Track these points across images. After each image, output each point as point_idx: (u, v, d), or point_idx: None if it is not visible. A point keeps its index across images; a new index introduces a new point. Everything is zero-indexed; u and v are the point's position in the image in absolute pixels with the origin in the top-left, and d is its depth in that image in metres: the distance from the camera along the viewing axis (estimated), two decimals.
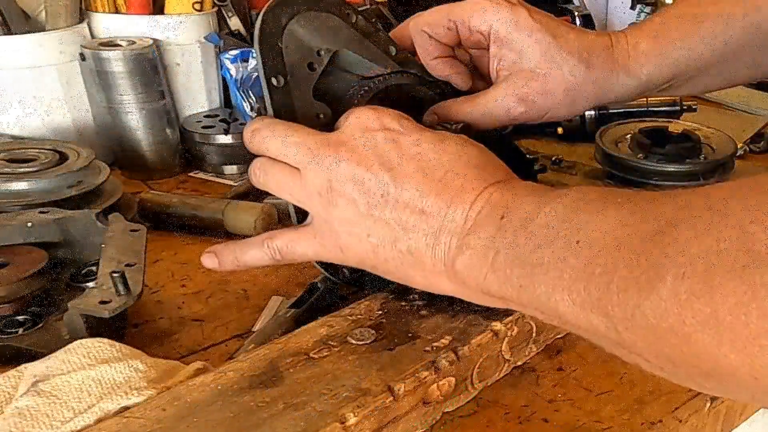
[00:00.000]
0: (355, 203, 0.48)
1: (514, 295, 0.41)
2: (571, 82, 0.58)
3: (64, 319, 0.52)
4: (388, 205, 0.47)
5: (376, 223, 0.47)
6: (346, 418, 0.41)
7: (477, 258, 0.43)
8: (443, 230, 0.45)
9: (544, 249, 0.39)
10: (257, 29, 0.56)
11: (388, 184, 0.47)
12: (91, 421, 0.42)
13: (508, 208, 0.43)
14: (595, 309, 0.35)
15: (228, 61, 0.88)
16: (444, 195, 0.46)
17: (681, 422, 0.49)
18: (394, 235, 0.47)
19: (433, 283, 0.48)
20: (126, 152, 0.89)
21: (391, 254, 0.48)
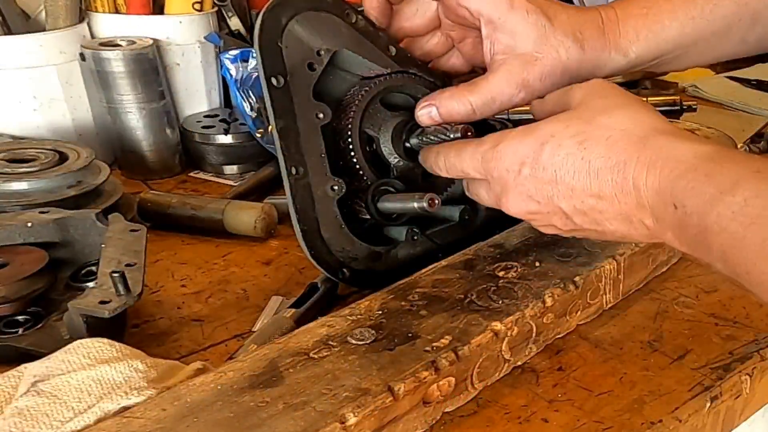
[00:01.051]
0: (559, 222, 0.50)
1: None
2: (567, 63, 0.57)
3: (64, 319, 0.52)
4: (573, 220, 0.49)
5: (576, 225, 0.49)
6: (346, 418, 0.41)
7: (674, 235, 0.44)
8: (629, 216, 0.46)
9: (738, 240, 0.39)
10: (257, 29, 0.56)
11: (565, 205, 0.48)
12: (91, 421, 0.42)
13: (674, 196, 0.43)
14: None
15: (228, 61, 0.88)
16: (604, 199, 0.47)
17: (681, 422, 0.49)
18: (595, 230, 0.49)
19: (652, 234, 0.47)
20: (126, 152, 0.89)
21: (596, 233, 0.49)
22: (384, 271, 0.60)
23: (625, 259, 0.59)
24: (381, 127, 0.61)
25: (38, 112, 0.87)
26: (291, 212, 0.57)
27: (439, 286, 0.54)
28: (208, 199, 0.77)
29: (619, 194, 0.46)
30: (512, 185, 0.50)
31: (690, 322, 0.59)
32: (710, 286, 0.64)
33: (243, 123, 0.90)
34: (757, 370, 0.54)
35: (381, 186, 0.60)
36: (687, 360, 0.54)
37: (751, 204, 0.38)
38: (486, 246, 0.60)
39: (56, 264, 0.61)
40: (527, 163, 0.49)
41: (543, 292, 0.53)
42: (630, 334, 0.57)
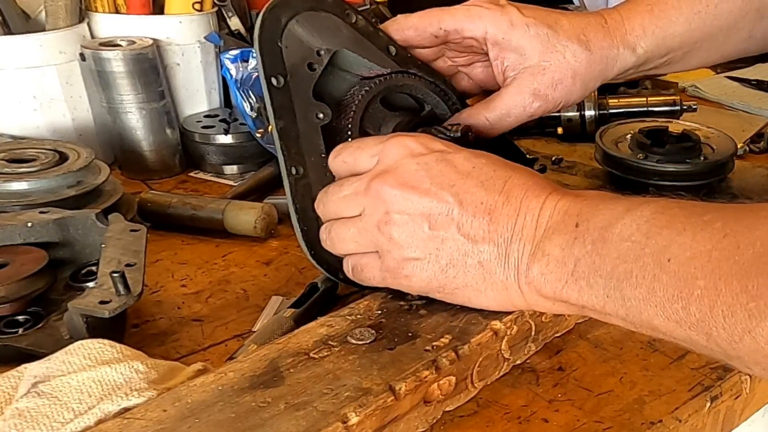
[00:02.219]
0: (421, 228, 0.47)
1: (598, 304, 0.41)
2: (576, 66, 0.58)
3: (64, 319, 0.52)
4: (454, 221, 0.47)
5: (443, 243, 0.47)
6: (348, 417, 0.41)
7: (555, 265, 0.43)
8: (515, 238, 0.45)
9: (631, 264, 0.38)
10: (257, 29, 0.56)
11: (452, 202, 0.47)
12: (91, 423, 0.42)
13: (581, 216, 0.43)
14: (694, 328, 0.35)
15: (228, 61, 0.88)
16: (509, 205, 0.46)
17: (681, 422, 0.49)
18: (464, 250, 0.47)
19: (503, 299, 0.47)
20: (126, 152, 0.89)
21: (460, 271, 0.47)
22: None
23: None
24: (381, 127, 0.61)
25: (38, 112, 0.87)
26: (291, 212, 0.57)
27: None
28: (208, 199, 0.77)
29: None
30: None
31: None
32: None
33: (243, 123, 0.90)
34: None
35: None
36: (687, 360, 0.54)
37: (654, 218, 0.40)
38: None
39: (56, 264, 0.61)
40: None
41: None
42: (630, 334, 0.57)
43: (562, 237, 0.43)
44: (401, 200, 0.48)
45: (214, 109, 0.99)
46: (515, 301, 0.47)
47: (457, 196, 0.47)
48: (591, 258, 0.41)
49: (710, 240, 0.36)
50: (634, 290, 0.38)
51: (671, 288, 0.36)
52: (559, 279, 0.43)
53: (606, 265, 0.40)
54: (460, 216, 0.47)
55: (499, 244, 0.46)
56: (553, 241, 0.44)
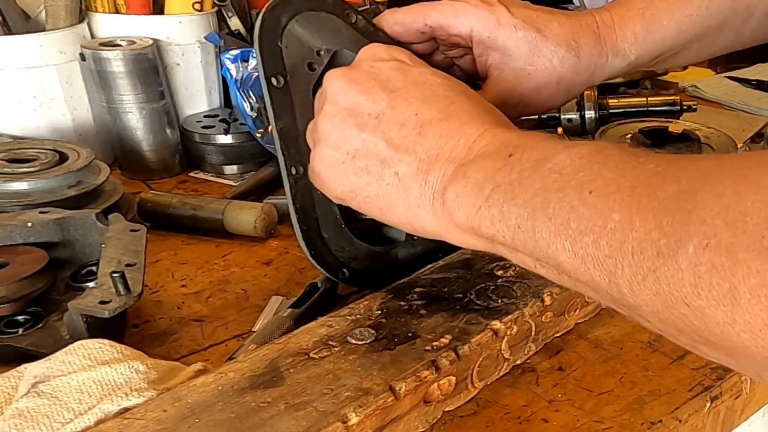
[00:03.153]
0: (346, 125, 0.46)
1: (507, 235, 0.39)
2: (563, 72, 0.57)
3: (64, 319, 0.52)
4: (381, 125, 0.45)
5: (364, 144, 0.45)
6: (348, 417, 0.41)
7: (472, 188, 0.40)
8: (441, 157, 0.43)
9: (552, 194, 0.36)
10: (257, 29, 0.56)
11: (384, 106, 0.45)
12: (91, 423, 0.42)
13: (518, 147, 0.41)
14: (599, 265, 0.33)
15: (228, 61, 0.88)
16: (447, 124, 0.43)
17: (681, 422, 0.49)
18: (384, 155, 0.44)
19: (414, 217, 0.44)
20: (126, 152, 0.89)
21: (375, 178, 0.45)
22: (384, 271, 0.60)
23: None
24: None
25: (38, 112, 0.87)
26: (291, 212, 0.57)
27: (438, 285, 0.54)
28: (208, 199, 0.77)
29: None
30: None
31: None
32: None
33: (243, 123, 0.90)
34: None
35: None
36: (687, 360, 0.54)
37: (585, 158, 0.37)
38: None
39: (56, 264, 0.61)
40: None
41: (541, 291, 0.53)
42: (630, 334, 0.57)
43: (489, 163, 0.41)
44: (338, 93, 0.47)
45: (214, 109, 0.99)
46: (426, 225, 0.44)
47: (393, 101, 0.45)
48: (512, 186, 0.39)
49: (638, 178, 0.34)
50: (547, 222, 0.36)
51: (586, 220, 0.34)
52: (473, 204, 0.40)
53: (525, 194, 0.38)
54: (388, 121, 0.45)
55: (422, 158, 0.43)
56: (479, 165, 0.41)
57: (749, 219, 0.28)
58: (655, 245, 0.31)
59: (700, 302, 0.29)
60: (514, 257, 0.41)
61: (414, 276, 0.56)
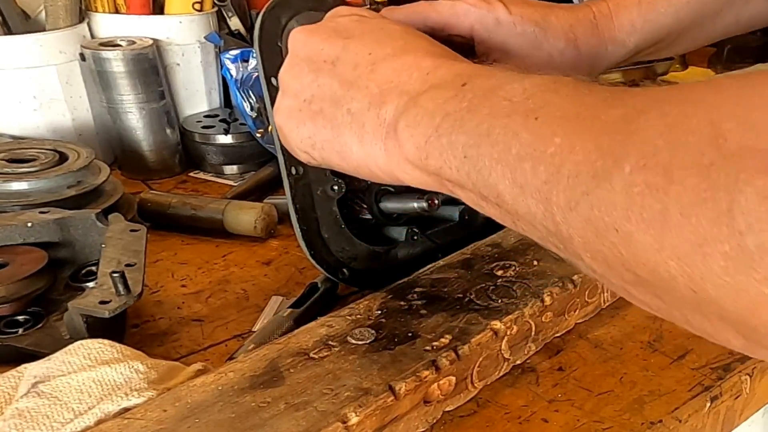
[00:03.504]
0: (303, 72, 0.45)
1: (453, 165, 0.37)
2: (562, 65, 0.57)
3: (64, 319, 0.52)
4: (335, 68, 0.44)
5: (319, 88, 0.45)
6: (348, 417, 0.41)
7: (423, 117, 0.39)
8: (394, 90, 0.42)
9: (499, 119, 0.35)
10: (257, 29, 0.56)
11: (339, 50, 0.44)
12: (91, 423, 0.42)
13: (472, 77, 0.39)
14: (536, 193, 0.32)
15: (228, 61, 0.88)
16: (401, 59, 0.43)
17: (681, 422, 0.49)
18: (337, 95, 0.44)
19: (368, 156, 0.43)
20: (126, 152, 0.89)
21: (330, 120, 0.44)
22: (384, 271, 0.60)
23: None
24: None
25: (38, 112, 0.87)
26: (291, 212, 0.57)
27: (437, 285, 0.54)
28: (208, 199, 0.77)
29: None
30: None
31: None
32: None
33: (243, 123, 0.90)
34: (757, 370, 0.54)
35: (381, 186, 0.60)
36: (687, 360, 0.54)
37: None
38: (484, 245, 0.61)
39: (56, 264, 0.61)
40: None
41: (541, 291, 0.53)
42: (630, 334, 0.57)
43: (442, 92, 0.39)
44: (298, 45, 0.47)
45: (214, 109, 0.99)
46: (380, 163, 0.43)
47: (347, 46, 0.45)
48: (461, 114, 0.37)
49: (585, 103, 0.32)
50: (490, 148, 0.35)
51: (527, 146, 0.33)
52: (423, 133, 0.39)
53: (473, 121, 0.36)
54: (343, 63, 0.44)
55: (374, 93, 0.42)
56: (431, 95, 0.40)
57: (692, 137, 0.26)
58: (592, 167, 0.29)
59: (629, 227, 0.27)
60: (461, 194, 0.40)
61: (414, 276, 0.56)
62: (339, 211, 0.59)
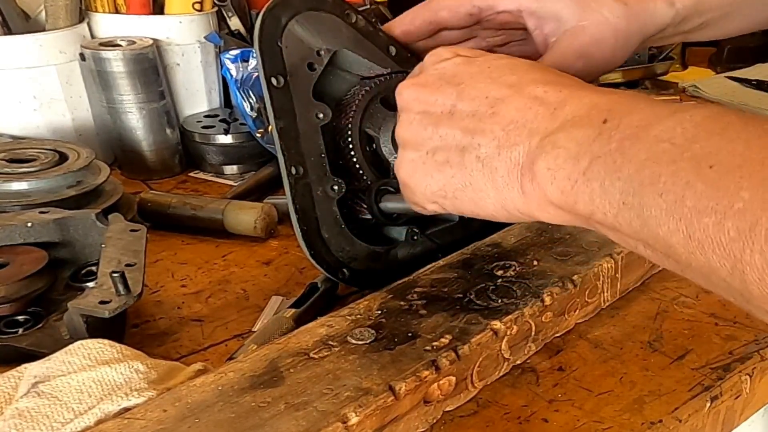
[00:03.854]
0: (422, 126, 0.45)
1: (609, 213, 0.35)
2: (615, 22, 0.56)
3: (64, 319, 0.52)
4: (454, 117, 0.44)
5: (442, 139, 0.44)
6: (348, 417, 0.41)
7: (565, 160, 0.37)
8: (521, 130, 0.40)
9: (663, 167, 0.32)
10: (257, 29, 0.56)
11: (454, 99, 0.44)
12: (91, 423, 0.42)
13: (612, 112, 0.37)
14: (722, 250, 0.29)
15: (228, 61, 0.88)
16: (519, 98, 0.41)
17: (681, 422, 0.49)
18: (462, 144, 0.43)
19: (505, 200, 0.42)
20: (126, 152, 0.89)
21: (458, 169, 0.43)
22: (384, 271, 0.60)
23: (623, 257, 0.59)
24: (381, 127, 0.61)
25: (38, 112, 0.87)
26: (291, 212, 0.57)
27: (437, 285, 0.54)
28: (208, 199, 0.77)
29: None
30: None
31: (690, 322, 0.59)
32: None
33: (243, 123, 0.90)
34: (757, 370, 0.54)
35: (381, 186, 0.60)
36: (687, 360, 0.54)
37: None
38: (484, 245, 0.61)
39: (56, 264, 0.61)
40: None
41: (541, 291, 0.53)
42: (630, 334, 0.57)
43: (582, 131, 0.37)
44: (410, 101, 0.46)
45: (214, 109, 0.99)
46: (518, 206, 0.41)
47: (461, 93, 0.44)
48: (612, 157, 0.35)
49: (764, 147, 0.30)
50: (657, 198, 0.32)
51: (706, 199, 0.30)
52: (569, 177, 0.37)
53: (629, 166, 0.34)
54: (460, 111, 0.44)
55: (500, 136, 0.41)
56: (571, 134, 0.38)
57: None
58: None
59: None
60: (615, 237, 0.38)
61: (414, 276, 0.56)
62: (339, 211, 0.59)
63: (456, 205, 0.46)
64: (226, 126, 0.92)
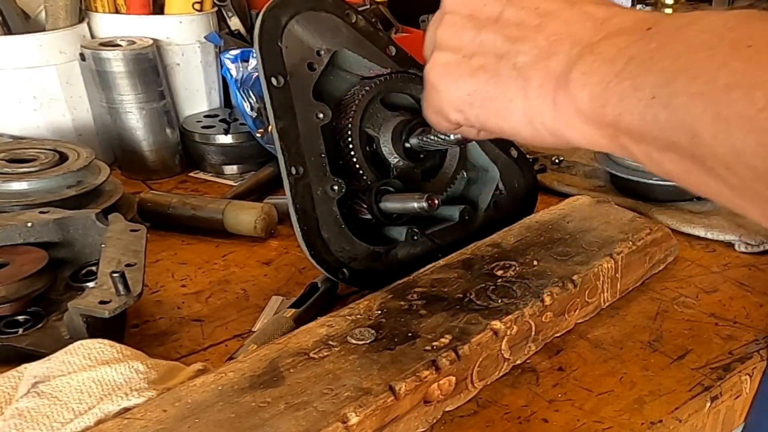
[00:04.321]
0: (465, 29, 0.44)
1: (636, 110, 0.34)
2: None
3: (64, 319, 0.52)
4: (498, 23, 0.42)
5: (482, 44, 0.43)
6: (348, 417, 0.41)
7: (602, 63, 0.36)
8: (565, 40, 0.39)
9: (699, 53, 0.32)
10: (257, 29, 0.56)
11: (503, 6, 0.43)
12: (91, 423, 0.42)
13: (658, 20, 0.36)
14: (747, 123, 0.29)
15: (228, 61, 0.88)
16: (570, 11, 0.40)
17: (681, 422, 0.49)
18: (502, 50, 0.42)
19: (533, 111, 0.41)
20: (126, 152, 0.89)
21: (492, 76, 0.42)
22: (384, 271, 0.60)
23: (623, 257, 0.59)
24: (381, 127, 0.61)
25: (38, 112, 0.87)
26: (291, 212, 0.57)
27: (437, 285, 0.54)
28: (208, 199, 0.77)
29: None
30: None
31: (690, 322, 0.59)
32: (710, 286, 0.64)
33: (243, 123, 0.90)
34: (757, 370, 0.54)
35: (381, 186, 0.60)
36: (687, 360, 0.54)
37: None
38: (484, 245, 0.61)
39: (56, 264, 0.61)
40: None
41: (542, 291, 0.53)
42: (630, 334, 0.57)
43: (624, 38, 0.36)
44: (458, 2, 0.45)
45: (214, 109, 0.99)
46: (545, 119, 0.40)
47: (511, 1, 0.43)
48: (650, 54, 0.34)
49: None
50: (688, 84, 0.31)
51: (740, 74, 0.29)
52: (601, 80, 0.36)
53: (665, 61, 0.33)
54: (507, 18, 0.42)
55: (542, 45, 0.40)
56: (611, 41, 0.37)
57: None
58: None
59: None
60: (636, 149, 0.37)
61: (414, 276, 0.56)
62: (339, 211, 0.59)
63: (481, 116, 0.44)
64: (226, 126, 0.92)
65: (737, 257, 0.69)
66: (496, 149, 0.68)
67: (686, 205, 0.77)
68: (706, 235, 0.72)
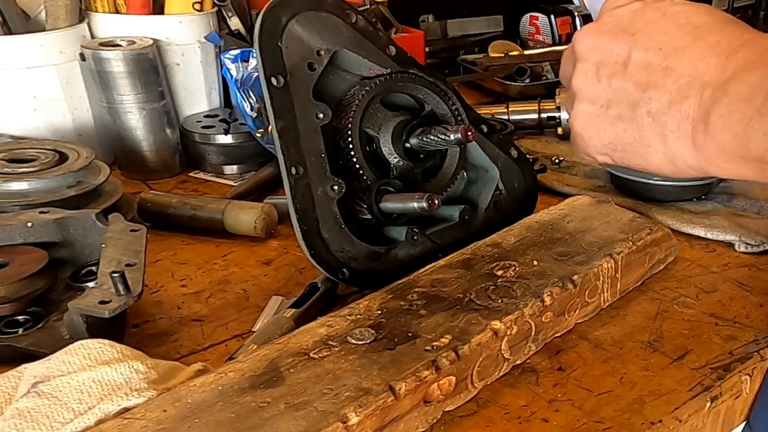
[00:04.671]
0: (597, 77, 0.45)
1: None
2: None
3: (64, 319, 0.52)
4: (627, 69, 0.44)
5: (615, 93, 0.44)
6: (348, 417, 0.41)
7: (739, 103, 0.37)
8: (693, 84, 0.40)
9: None
10: (257, 29, 0.56)
11: (628, 49, 0.44)
12: (91, 423, 0.42)
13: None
14: None
15: (228, 61, 0.88)
16: (693, 49, 0.41)
17: (681, 422, 0.49)
18: (634, 98, 0.43)
19: (674, 154, 0.42)
20: (126, 152, 0.89)
21: (629, 124, 0.44)
22: (384, 271, 0.60)
23: (623, 257, 0.59)
24: (381, 127, 0.61)
25: (38, 112, 0.87)
26: (291, 212, 0.57)
27: (437, 285, 0.54)
28: (208, 199, 0.77)
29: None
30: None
31: (690, 322, 0.59)
32: (710, 286, 0.64)
33: (243, 123, 0.90)
34: (757, 370, 0.54)
35: (381, 186, 0.60)
36: (687, 360, 0.54)
37: None
38: (484, 245, 0.61)
39: (56, 264, 0.61)
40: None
41: (542, 291, 0.53)
42: (630, 334, 0.57)
43: (755, 74, 0.37)
44: (587, 49, 0.46)
45: (214, 109, 0.99)
46: (687, 159, 0.42)
47: (635, 43, 0.44)
48: None
49: None
50: None
51: None
52: (741, 118, 0.37)
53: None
54: (634, 63, 0.43)
55: (672, 90, 0.41)
56: (742, 79, 0.37)
57: None
58: None
59: None
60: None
61: (414, 276, 0.56)
62: (339, 211, 0.59)
63: (624, 158, 0.46)
64: (226, 126, 0.92)
65: (737, 257, 0.69)
66: (496, 149, 0.68)
67: (686, 205, 0.77)
68: (706, 235, 0.72)
